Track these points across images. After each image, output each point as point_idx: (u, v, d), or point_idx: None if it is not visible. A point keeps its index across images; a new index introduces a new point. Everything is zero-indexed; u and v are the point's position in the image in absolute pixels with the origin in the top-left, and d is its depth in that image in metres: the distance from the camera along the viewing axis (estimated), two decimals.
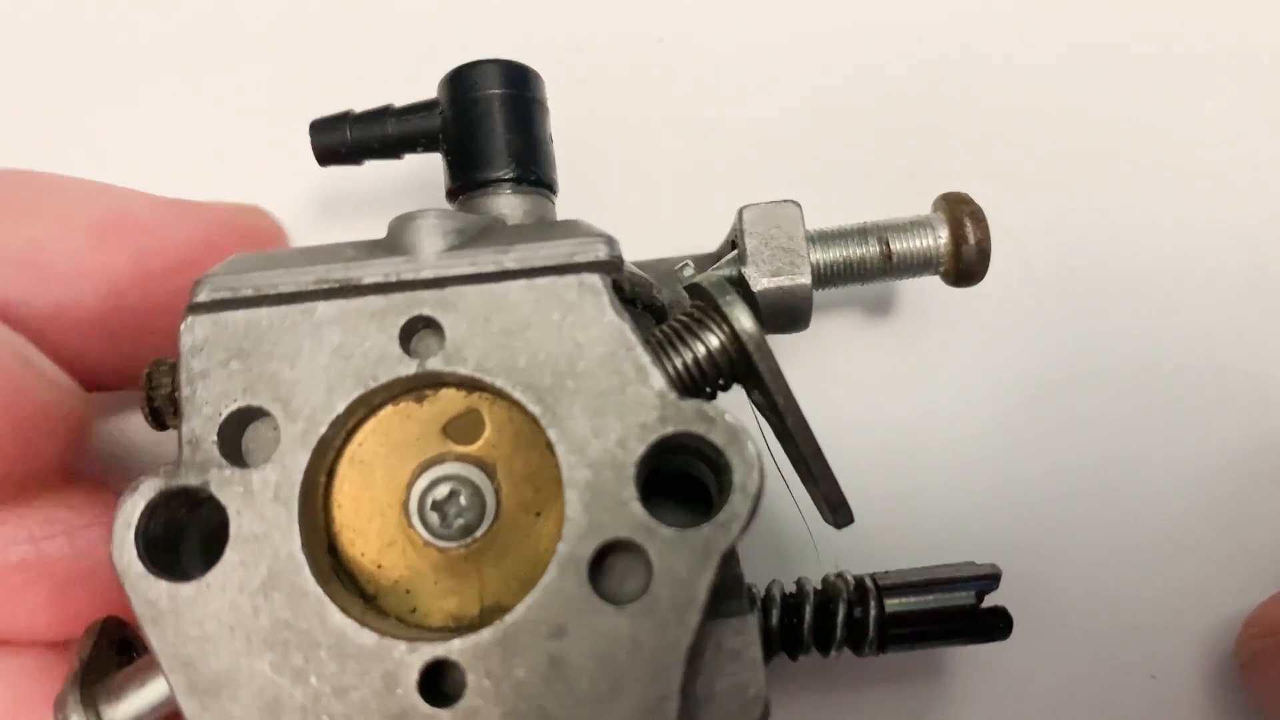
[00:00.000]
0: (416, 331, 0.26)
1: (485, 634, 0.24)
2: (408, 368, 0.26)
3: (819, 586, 0.31)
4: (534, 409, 0.25)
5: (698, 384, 0.26)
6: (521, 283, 0.26)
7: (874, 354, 0.40)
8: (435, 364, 0.25)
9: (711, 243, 0.36)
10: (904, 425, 0.39)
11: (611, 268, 0.26)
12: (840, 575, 0.31)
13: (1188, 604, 0.39)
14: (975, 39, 0.43)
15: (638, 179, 0.41)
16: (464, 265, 0.26)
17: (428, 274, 0.26)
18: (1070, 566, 0.39)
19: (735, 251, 0.33)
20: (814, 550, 0.34)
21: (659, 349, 0.26)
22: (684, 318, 0.27)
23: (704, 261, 0.34)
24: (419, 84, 0.33)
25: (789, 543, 0.37)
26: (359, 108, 0.33)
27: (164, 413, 0.27)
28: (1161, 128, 0.42)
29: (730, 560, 0.25)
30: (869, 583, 0.31)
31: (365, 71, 0.42)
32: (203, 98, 0.42)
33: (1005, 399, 0.40)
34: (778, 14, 0.43)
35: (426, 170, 0.35)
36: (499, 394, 0.26)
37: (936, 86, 0.42)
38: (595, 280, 0.26)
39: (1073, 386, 0.40)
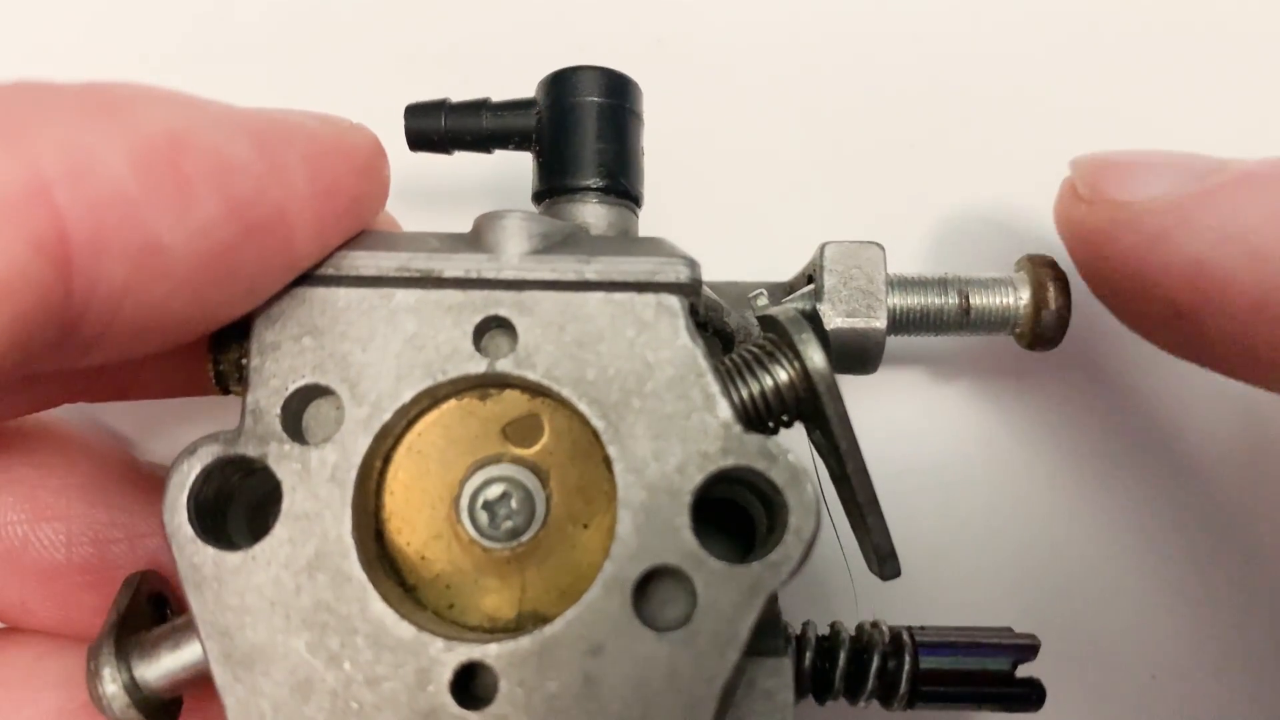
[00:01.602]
0: (490, 330, 0.26)
1: (524, 642, 0.24)
2: (477, 366, 0.25)
3: (854, 633, 0.31)
4: (597, 423, 0.25)
5: (762, 417, 0.26)
6: (600, 295, 0.26)
7: (939, 406, 0.39)
8: (505, 365, 0.25)
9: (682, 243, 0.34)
10: (959, 481, 0.39)
11: (691, 290, 0.26)
12: (876, 625, 0.31)
13: (1188, 604, 0.38)
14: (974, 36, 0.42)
15: None
16: (545, 270, 0.26)
17: (508, 275, 0.26)
18: (1071, 568, 0.39)
19: (811, 286, 0.33)
20: (852, 595, 0.33)
21: (727, 378, 0.26)
22: (755, 349, 0.27)
23: (777, 291, 0.34)
24: (415, 85, 0.33)
25: (825, 582, 0.36)
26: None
27: (228, 377, 0.28)
28: None
29: (772, 599, 0.25)
30: (906, 636, 0.30)
31: (357, 71, 0.42)
32: (288, 78, 0.43)
33: (1062, 469, 0.39)
34: (778, 14, 0.43)
35: (504, 168, 0.35)
36: (563, 403, 0.26)
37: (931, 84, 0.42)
38: (673, 302, 0.26)
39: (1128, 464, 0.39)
